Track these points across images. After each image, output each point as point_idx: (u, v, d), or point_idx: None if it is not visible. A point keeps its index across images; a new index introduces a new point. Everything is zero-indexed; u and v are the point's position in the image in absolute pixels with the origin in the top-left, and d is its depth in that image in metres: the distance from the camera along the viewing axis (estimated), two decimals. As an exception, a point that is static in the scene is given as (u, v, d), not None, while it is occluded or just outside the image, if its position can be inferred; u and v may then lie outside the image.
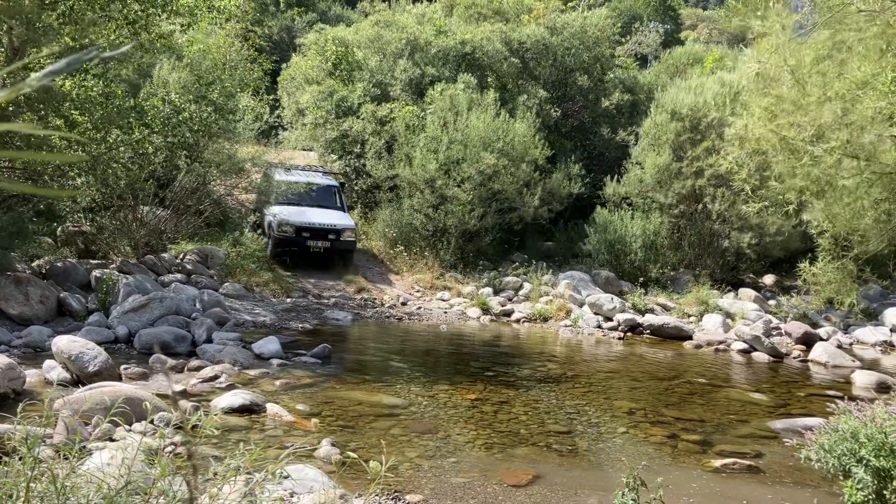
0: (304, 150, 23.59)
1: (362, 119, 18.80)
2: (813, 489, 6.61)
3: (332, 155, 20.29)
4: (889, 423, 4.90)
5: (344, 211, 16.74)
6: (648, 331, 14.07)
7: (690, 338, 13.77)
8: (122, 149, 11.73)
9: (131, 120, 11.32)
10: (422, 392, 8.85)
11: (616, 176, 17.70)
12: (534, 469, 6.64)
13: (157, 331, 9.85)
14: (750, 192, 12.85)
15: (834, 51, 7.50)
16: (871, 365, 12.47)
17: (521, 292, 15.63)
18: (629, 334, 13.91)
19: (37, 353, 8.82)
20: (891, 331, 14.60)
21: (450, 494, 5.90)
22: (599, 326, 14.06)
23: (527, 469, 6.63)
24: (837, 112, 6.23)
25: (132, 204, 13.58)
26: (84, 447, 3.97)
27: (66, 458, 3.12)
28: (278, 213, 15.53)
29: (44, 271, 11.26)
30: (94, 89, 10.96)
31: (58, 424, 5.59)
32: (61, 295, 10.64)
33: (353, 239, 15.95)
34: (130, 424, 5.89)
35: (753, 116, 7.71)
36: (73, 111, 10.60)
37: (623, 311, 14.45)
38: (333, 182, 17.64)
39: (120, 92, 11.53)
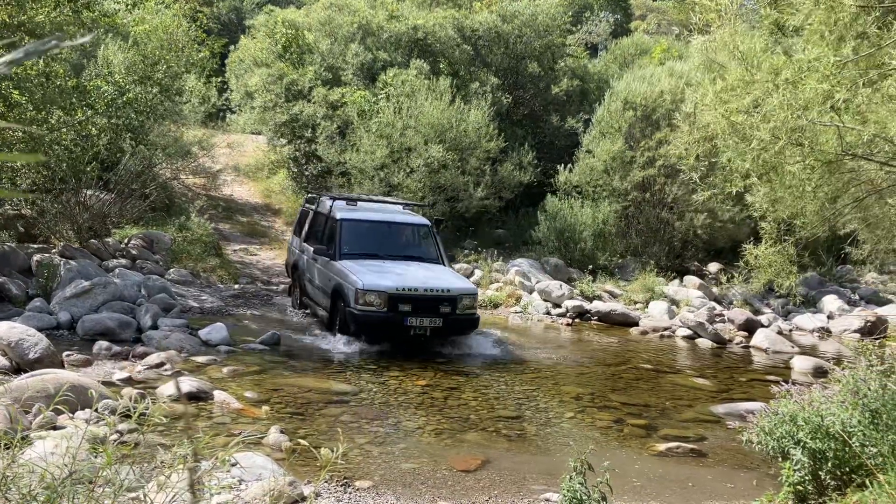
0: (252, 133, 23.30)
1: (314, 103, 18.60)
2: (753, 471, 6.81)
3: (281, 139, 20.06)
4: (825, 407, 5.07)
5: (445, 264, 11.58)
6: (596, 317, 14.28)
7: (637, 324, 14.00)
8: (65, 130, 11.41)
9: (74, 101, 11.01)
10: (372, 378, 8.85)
11: (567, 164, 17.84)
12: (483, 454, 6.70)
13: (101, 317, 9.65)
14: (698, 180, 13.05)
15: (779, 33, 7.63)
16: (810, 350, 12.86)
17: (471, 279, 15.68)
18: (577, 321, 14.09)
19: (-26, 340, 8.55)
20: (828, 317, 15.05)
21: (399, 480, 5.92)
22: (548, 313, 14.21)
23: (476, 454, 6.68)
24: (784, 96, 6.35)
25: (75, 187, 13.24)
26: (25, 436, 3.87)
27: (7, 448, 3.04)
28: (352, 272, 10.20)
29: (-19, 256, 10.92)
30: (34, 69, 10.62)
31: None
32: (0, 280, 10.34)
33: (474, 311, 10.66)
34: (74, 413, 5.77)
35: (704, 99, 7.81)
36: (12, 91, 10.26)
37: (571, 297, 14.62)
38: (425, 221, 12.27)
39: (62, 72, 11.20)
